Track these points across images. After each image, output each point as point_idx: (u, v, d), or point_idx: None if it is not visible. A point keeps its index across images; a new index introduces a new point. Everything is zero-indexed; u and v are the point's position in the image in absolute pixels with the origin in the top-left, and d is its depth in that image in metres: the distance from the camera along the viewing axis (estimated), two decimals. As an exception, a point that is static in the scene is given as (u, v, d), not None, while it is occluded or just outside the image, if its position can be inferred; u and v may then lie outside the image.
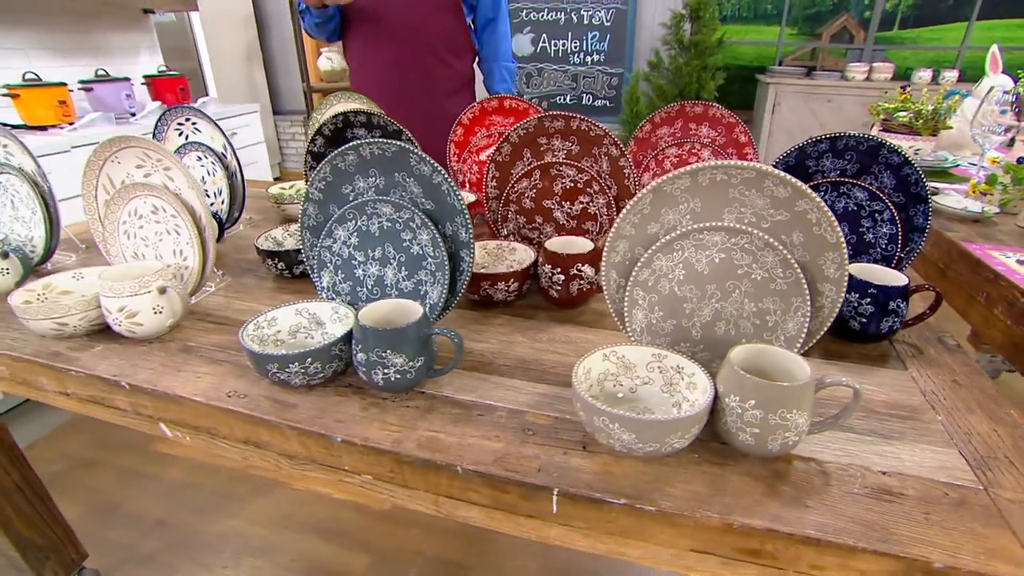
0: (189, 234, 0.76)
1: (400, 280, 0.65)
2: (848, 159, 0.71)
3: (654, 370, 0.56)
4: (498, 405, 0.56)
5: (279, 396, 0.58)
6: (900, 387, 0.60)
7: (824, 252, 0.52)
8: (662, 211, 0.55)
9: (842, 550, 0.42)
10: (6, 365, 0.71)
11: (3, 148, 0.93)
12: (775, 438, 0.47)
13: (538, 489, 0.48)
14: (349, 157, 0.64)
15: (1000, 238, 0.87)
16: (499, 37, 1.56)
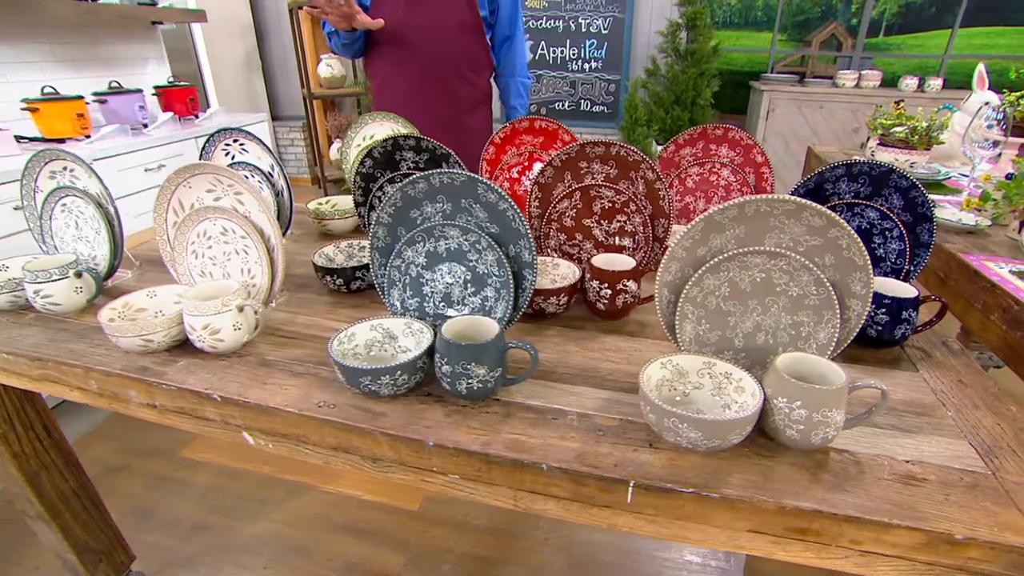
0: (258, 254, 0.82)
1: (466, 297, 0.72)
2: (862, 183, 0.80)
3: (704, 376, 0.63)
4: (568, 409, 0.64)
5: (366, 405, 0.65)
6: (914, 387, 0.68)
7: (852, 272, 0.60)
8: (710, 237, 0.63)
9: (878, 527, 0.50)
10: (96, 379, 0.77)
11: (69, 172, 0.98)
12: (817, 433, 0.55)
13: (616, 482, 0.55)
14: (419, 185, 0.71)
15: (993, 249, 0.97)
16: (516, 54, 1.64)
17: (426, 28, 1.45)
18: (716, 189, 1.04)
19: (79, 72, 2.44)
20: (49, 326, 0.87)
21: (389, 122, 1.24)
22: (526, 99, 1.71)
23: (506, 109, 1.72)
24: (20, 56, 2.20)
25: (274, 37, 4.49)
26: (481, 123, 1.65)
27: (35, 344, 0.82)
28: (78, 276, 0.89)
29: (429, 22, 1.45)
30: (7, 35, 2.14)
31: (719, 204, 1.04)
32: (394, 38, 1.48)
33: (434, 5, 1.44)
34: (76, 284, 0.89)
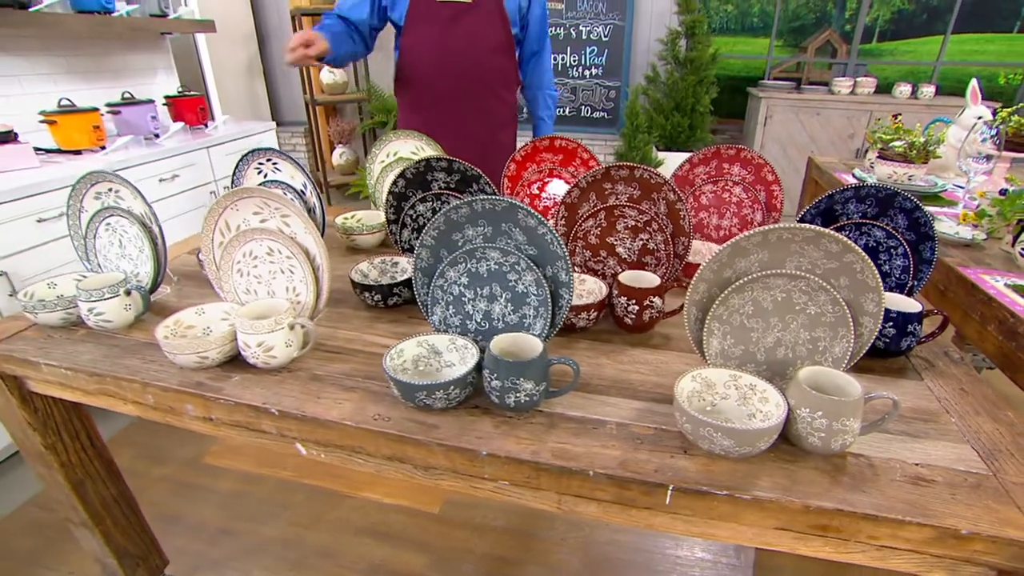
0: (303, 273, 0.87)
1: (506, 314, 0.78)
2: (869, 204, 0.86)
3: (730, 387, 0.69)
4: (606, 419, 0.69)
5: (419, 418, 0.70)
6: (919, 395, 0.75)
7: (865, 293, 0.66)
8: (736, 260, 0.68)
9: (892, 523, 0.56)
10: (153, 394, 0.82)
11: (114, 193, 1.03)
12: (836, 440, 0.61)
13: (656, 486, 0.61)
14: (462, 210, 0.76)
15: (989, 262, 1.03)
16: (543, 68, 1.72)
17: (463, 51, 1.52)
18: (728, 206, 1.10)
19: (90, 83, 2.47)
20: (101, 342, 0.91)
21: (413, 140, 1.29)
22: (553, 111, 1.79)
23: (534, 121, 1.79)
24: (34, 68, 2.23)
25: (275, 43, 4.52)
26: (511, 138, 1.72)
27: (91, 360, 0.86)
28: (127, 294, 0.94)
29: (465, 44, 1.51)
30: (23, 48, 2.17)
31: (731, 219, 1.10)
32: (430, 60, 1.54)
33: (471, 26, 1.51)
34: (126, 302, 0.93)
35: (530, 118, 1.81)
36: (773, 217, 1.09)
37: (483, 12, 1.52)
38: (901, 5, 4.02)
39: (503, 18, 1.54)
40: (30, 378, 0.93)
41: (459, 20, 1.52)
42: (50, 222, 1.79)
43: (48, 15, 1.96)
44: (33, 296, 0.98)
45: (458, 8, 1.51)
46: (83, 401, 0.92)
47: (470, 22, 1.52)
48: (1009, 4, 3.77)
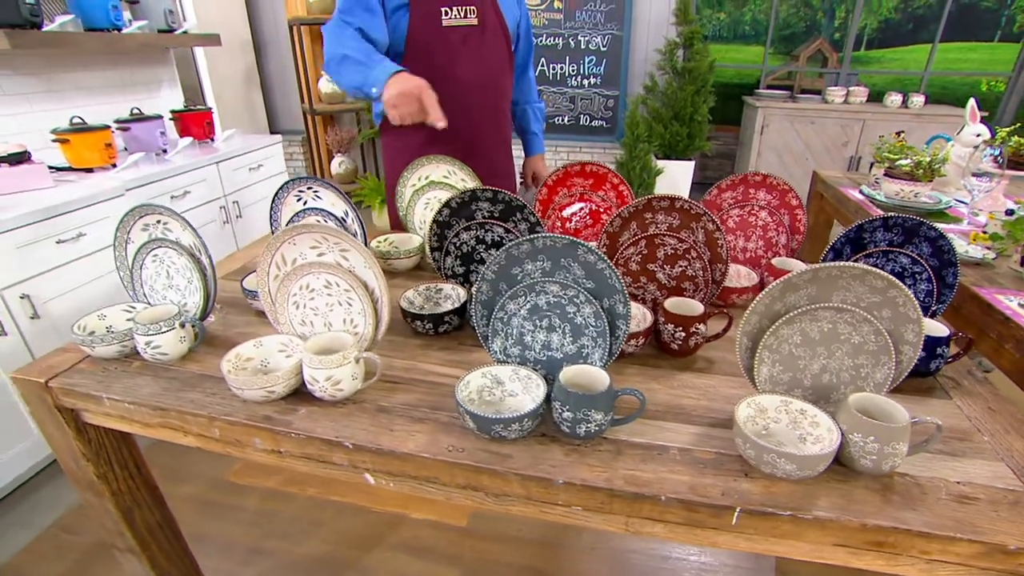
0: (362, 305, 0.90)
1: (565, 344, 0.82)
2: (895, 232, 0.91)
3: (781, 412, 0.74)
4: (668, 445, 0.74)
5: (492, 448, 0.73)
6: (951, 414, 0.80)
7: (906, 324, 0.71)
8: (786, 294, 0.73)
9: (945, 540, 0.61)
10: (219, 428, 0.84)
11: (163, 225, 1.05)
12: (887, 462, 0.66)
13: (724, 508, 0.65)
14: (523, 246, 0.80)
15: (1000, 281, 1.10)
16: (530, 81, 1.70)
17: (471, 75, 1.45)
18: (755, 229, 1.15)
19: (97, 98, 2.46)
20: (159, 375, 0.94)
21: (445, 164, 1.32)
22: (543, 123, 1.76)
23: (525, 136, 1.75)
24: (42, 86, 2.22)
25: (272, 53, 4.51)
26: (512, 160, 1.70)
27: (152, 394, 0.88)
28: (182, 327, 0.96)
29: (473, 69, 1.45)
30: (32, 66, 2.16)
31: (757, 242, 1.15)
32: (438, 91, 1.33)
33: (478, 49, 1.44)
34: (181, 334, 0.96)
35: (518, 132, 1.75)
36: (797, 240, 1.15)
37: (489, 33, 1.45)
38: (888, 15, 4.15)
39: (507, 37, 1.49)
40: (89, 411, 0.94)
41: (467, 44, 1.43)
42: (68, 243, 1.79)
43: (61, 34, 1.96)
44: (85, 328, 1.00)
45: (466, 31, 1.42)
46: (141, 433, 0.94)
47: (478, 44, 1.44)
48: (990, 15, 3.92)
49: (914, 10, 3.87)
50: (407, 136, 1.50)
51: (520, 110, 1.71)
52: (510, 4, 1.48)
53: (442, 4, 1.38)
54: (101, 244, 1.91)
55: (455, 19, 1.40)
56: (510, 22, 1.48)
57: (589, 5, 3.71)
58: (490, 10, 1.44)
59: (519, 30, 1.55)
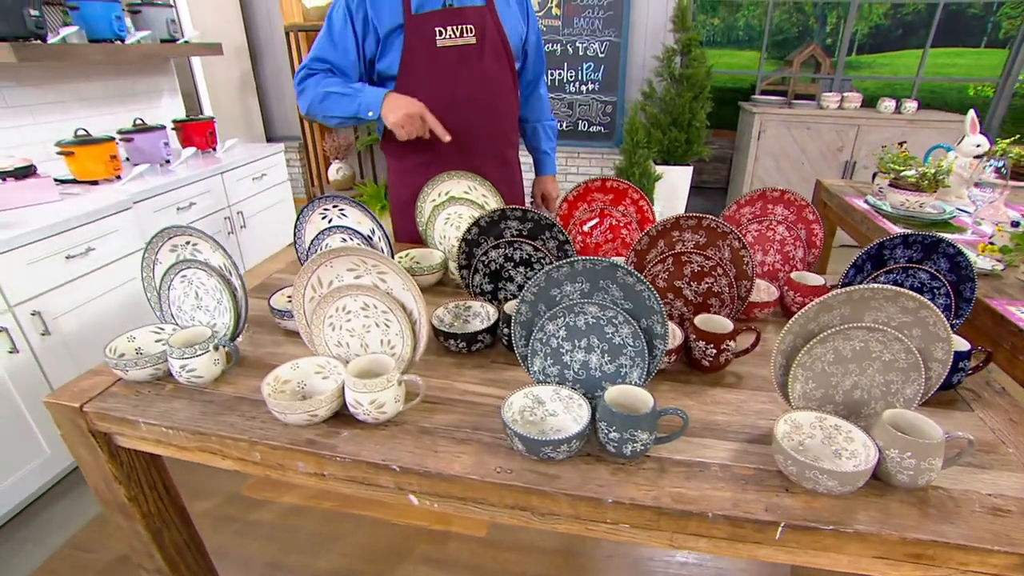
0: (400, 327, 0.92)
1: (603, 364, 0.84)
2: (915, 249, 0.95)
3: (816, 428, 0.77)
4: (709, 462, 0.76)
5: (540, 469, 0.75)
6: (975, 426, 0.83)
7: (936, 343, 0.74)
8: (820, 315, 0.76)
9: (983, 552, 0.64)
10: (260, 452, 0.85)
11: (192, 246, 1.05)
12: (923, 477, 0.69)
13: (768, 524, 0.67)
14: (563, 269, 0.82)
15: (1010, 292, 1.14)
16: (541, 98, 1.67)
17: (471, 97, 1.42)
18: (772, 243, 1.18)
19: (99, 109, 2.44)
20: (194, 398, 0.94)
21: (465, 180, 1.34)
22: (554, 142, 1.73)
23: (536, 155, 1.72)
24: (45, 97, 2.20)
25: (268, 58, 4.49)
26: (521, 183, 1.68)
27: (189, 418, 0.89)
28: (216, 349, 0.97)
29: (474, 89, 1.42)
30: (35, 78, 2.15)
31: (775, 256, 1.18)
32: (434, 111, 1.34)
33: (478, 69, 1.40)
34: (215, 356, 0.96)
35: (529, 151, 1.73)
36: (813, 253, 1.18)
37: (488, 51, 1.40)
38: (878, 20, 4.23)
39: (508, 54, 1.44)
40: (123, 434, 0.95)
41: (464, 64, 1.39)
42: (78, 258, 1.78)
43: (66, 47, 1.94)
44: (116, 350, 1.00)
45: (463, 51, 1.37)
46: (176, 456, 0.94)
47: (477, 64, 1.40)
48: (976, 22, 4.01)
49: (903, 16, 3.95)
50: (410, 157, 1.51)
51: (531, 128, 1.68)
52: (514, 20, 1.44)
53: (436, 24, 1.34)
54: (110, 258, 1.90)
55: (450, 39, 1.36)
56: (513, 39, 1.43)
57: (587, 12, 3.75)
58: (491, 27, 1.39)
59: (526, 46, 1.51)
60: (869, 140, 3.31)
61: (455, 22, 1.35)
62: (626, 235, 1.27)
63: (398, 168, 1.57)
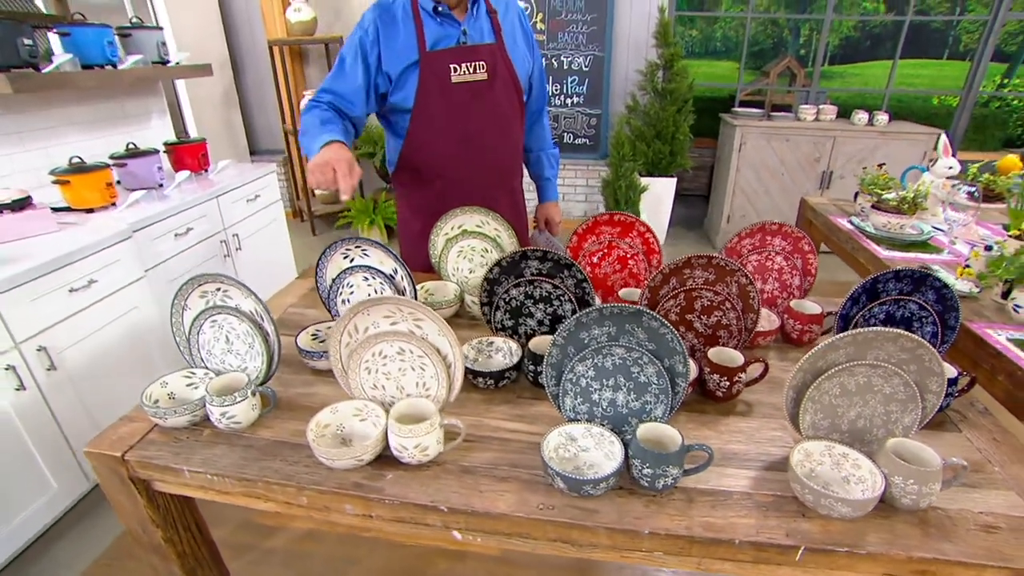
0: (435, 370, 0.96)
1: (629, 402, 0.90)
2: (905, 282, 1.03)
3: (825, 455, 0.84)
4: (730, 490, 0.83)
5: (579, 504, 0.81)
6: (963, 447, 0.92)
7: (931, 377, 0.83)
8: (828, 354, 0.83)
9: (978, 567, 0.72)
10: (308, 496, 0.89)
11: (222, 292, 1.08)
12: (924, 500, 0.77)
13: (789, 548, 0.75)
14: (592, 314, 0.88)
15: (987, 315, 1.24)
16: (544, 127, 1.73)
17: (483, 130, 1.48)
18: (771, 272, 1.26)
19: (90, 134, 2.42)
20: (233, 443, 0.97)
21: (478, 215, 1.39)
22: (556, 169, 1.78)
23: (539, 182, 1.77)
24: (34, 123, 2.18)
25: (250, 72, 4.47)
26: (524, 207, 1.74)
27: (233, 464, 0.92)
28: (253, 395, 1.00)
29: (486, 123, 1.47)
30: (25, 105, 2.12)
31: (773, 284, 1.25)
32: (447, 143, 1.45)
33: (490, 103, 1.46)
34: (253, 402, 0.99)
35: (532, 178, 1.77)
36: (809, 281, 1.26)
37: (499, 86, 1.45)
38: (848, 33, 4.42)
39: (517, 88, 1.49)
40: (164, 481, 0.97)
41: (477, 98, 1.44)
42: (80, 291, 1.77)
43: (61, 75, 1.93)
44: (151, 397, 1.02)
45: (475, 86, 1.43)
46: (218, 499, 0.97)
47: (489, 99, 1.45)
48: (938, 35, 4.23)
49: (871, 29, 4.13)
50: (421, 189, 1.57)
51: (535, 157, 1.73)
52: (522, 56, 1.50)
53: (451, 61, 1.39)
54: (111, 289, 1.89)
55: (464, 75, 1.41)
56: (521, 74, 1.49)
57: (571, 27, 3.82)
58: (500, 63, 1.44)
59: (531, 80, 1.57)
60: (845, 151, 3.47)
61: (468, 59, 1.40)
62: (632, 265, 1.34)
63: (409, 201, 1.61)
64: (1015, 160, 1.73)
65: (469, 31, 1.41)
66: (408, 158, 1.53)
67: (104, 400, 1.87)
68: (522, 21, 1.53)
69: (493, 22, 1.44)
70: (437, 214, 1.41)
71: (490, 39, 1.43)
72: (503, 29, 1.45)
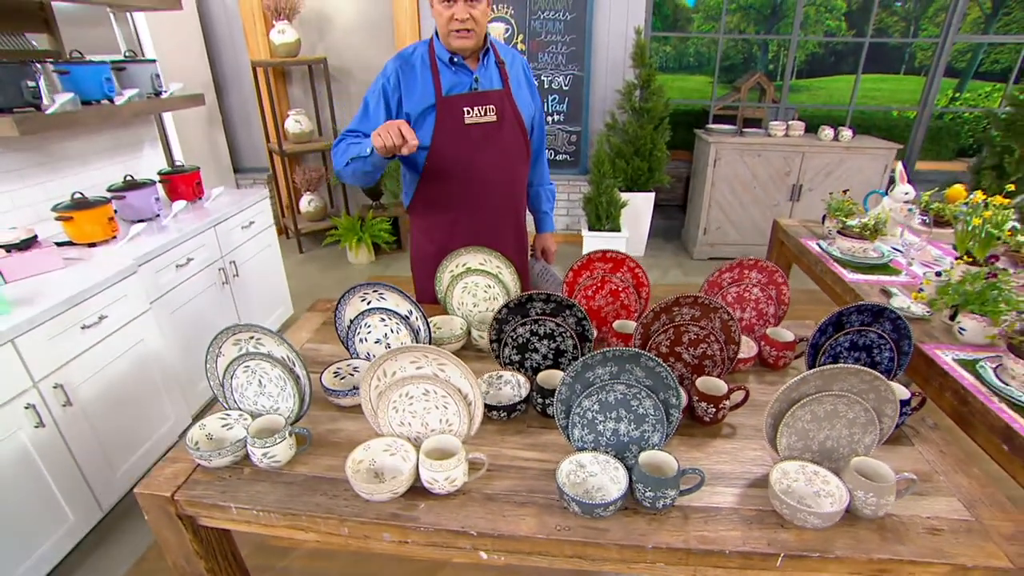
0: (457, 408, 1.07)
1: (630, 431, 1.03)
2: (866, 315, 1.19)
3: (799, 473, 0.98)
4: (719, 507, 0.96)
5: (591, 524, 0.93)
6: (915, 459, 1.07)
7: (886, 404, 0.97)
8: (800, 386, 0.97)
9: (925, 564, 0.87)
10: (349, 527, 0.99)
11: (255, 340, 1.17)
12: (881, 509, 0.91)
13: (771, 555, 0.88)
14: (596, 357, 1.00)
15: (936, 336, 1.41)
16: (543, 165, 1.89)
17: (491, 167, 1.63)
18: (748, 302, 1.41)
19: (87, 166, 2.46)
20: (274, 481, 1.06)
21: (481, 254, 1.50)
22: (553, 203, 1.96)
23: (537, 215, 1.95)
24: (33, 159, 2.22)
25: (234, 91, 4.49)
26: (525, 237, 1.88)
27: (277, 500, 1.01)
28: (291, 435, 1.10)
29: (494, 161, 1.63)
30: (25, 141, 2.15)
31: (751, 312, 1.40)
32: (459, 177, 1.60)
33: (498, 143, 1.61)
34: (290, 442, 1.09)
35: (531, 211, 1.94)
36: (783, 309, 1.41)
37: (507, 127, 1.62)
38: (813, 49, 4.66)
39: (523, 129, 1.66)
40: (211, 517, 1.06)
41: (487, 138, 1.60)
42: (92, 328, 1.83)
43: (65, 115, 1.97)
44: (194, 440, 1.11)
45: (486, 127, 1.59)
46: (261, 532, 1.07)
47: (498, 139, 1.61)
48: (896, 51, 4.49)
49: (835, 46, 4.37)
50: (435, 216, 1.72)
51: (534, 191, 1.90)
52: (526, 101, 1.67)
53: (464, 105, 1.56)
54: (120, 323, 1.95)
55: (476, 117, 1.58)
56: (525, 116, 1.66)
57: (551, 47, 3.96)
58: (508, 107, 1.61)
59: (533, 122, 1.73)
60: (813, 165, 3.68)
61: (480, 103, 1.56)
62: (624, 298, 1.47)
63: (423, 226, 1.77)
64: (960, 189, 1.93)
65: (481, 78, 1.57)
66: (424, 192, 1.69)
67: (113, 429, 1.93)
68: (526, 72, 1.70)
69: (501, 71, 1.61)
70: (448, 239, 1.63)
71: (499, 86, 1.60)
72: (510, 77, 1.62)
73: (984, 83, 5.70)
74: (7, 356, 1.55)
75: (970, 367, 1.28)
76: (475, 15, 1.43)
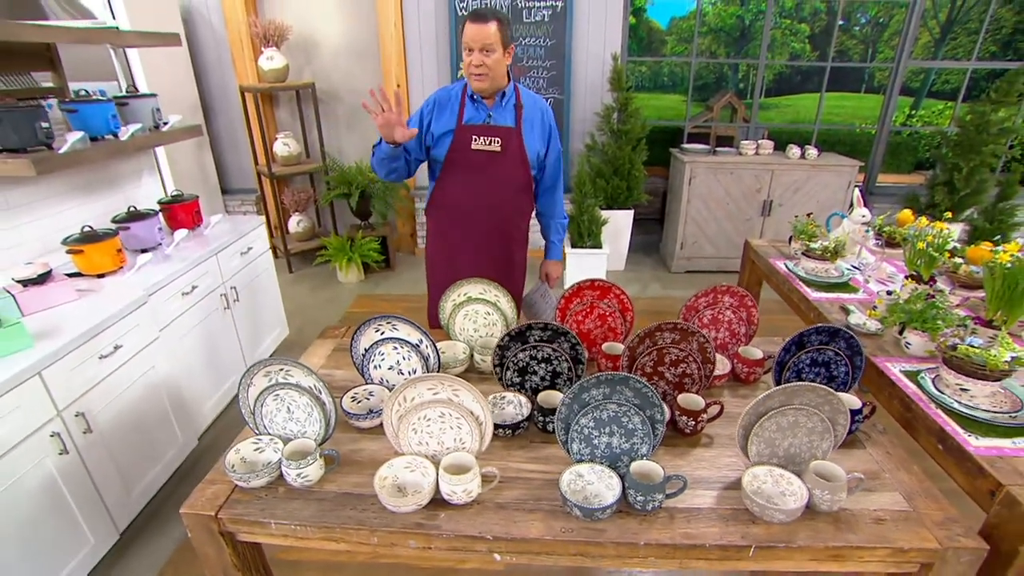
0: (470, 428, 1.21)
1: (621, 444, 1.18)
2: (824, 335, 1.36)
3: (767, 476, 1.15)
4: (700, 507, 1.12)
5: (591, 526, 1.08)
6: (866, 460, 1.25)
7: (839, 415, 1.14)
8: (767, 401, 1.14)
9: (871, 549, 1.03)
10: (379, 536, 1.12)
11: (284, 371, 1.29)
12: (836, 504, 1.08)
13: (744, 547, 1.04)
14: (591, 380, 1.16)
15: (887, 349, 1.60)
16: (556, 201, 2.13)
17: (491, 191, 1.93)
18: (722, 323, 1.58)
19: (90, 197, 2.54)
20: (307, 498, 1.19)
21: (481, 284, 1.65)
22: (563, 235, 2.21)
23: (547, 243, 2.21)
24: (40, 193, 2.28)
25: (221, 113, 4.56)
26: (523, 257, 2.11)
27: (312, 515, 1.14)
28: (321, 456, 1.22)
29: (494, 186, 1.92)
30: (38, 177, 2.22)
31: (724, 333, 1.57)
32: (463, 194, 1.94)
33: (499, 171, 1.90)
34: (320, 463, 1.22)
35: (543, 237, 2.22)
36: (753, 328, 1.59)
37: (509, 158, 1.90)
38: (780, 69, 4.94)
39: (525, 163, 1.93)
40: (252, 533, 1.18)
41: (490, 165, 1.90)
42: (108, 357, 1.92)
43: (76, 154, 2.06)
44: (231, 463, 1.23)
45: (490, 155, 1.89)
46: (296, 545, 1.19)
47: (499, 167, 1.91)
48: (856, 72, 4.79)
49: (800, 67, 4.64)
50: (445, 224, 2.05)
51: (546, 222, 2.16)
52: (534, 140, 1.93)
53: (474, 133, 1.88)
54: (134, 351, 2.04)
55: (482, 145, 1.88)
56: (531, 154, 1.92)
57: (532, 72, 4.14)
58: (514, 142, 1.89)
59: (543, 161, 2.00)
60: (782, 182, 3.92)
61: (488, 134, 1.87)
62: (611, 321, 1.63)
63: (436, 224, 2.09)
64: (909, 215, 2.14)
65: (494, 115, 1.89)
66: (438, 198, 2.03)
67: (128, 452, 2.01)
68: (544, 117, 1.96)
69: (517, 113, 1.89)
70: (455, 242, 2.03)
71: (511, 123, 1.89)
72: (523, 118, 1.90)
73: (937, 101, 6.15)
74: (34, 387, 1.63)
75: (913, 377, 1.47)
76: (488, 62, 1.72)
